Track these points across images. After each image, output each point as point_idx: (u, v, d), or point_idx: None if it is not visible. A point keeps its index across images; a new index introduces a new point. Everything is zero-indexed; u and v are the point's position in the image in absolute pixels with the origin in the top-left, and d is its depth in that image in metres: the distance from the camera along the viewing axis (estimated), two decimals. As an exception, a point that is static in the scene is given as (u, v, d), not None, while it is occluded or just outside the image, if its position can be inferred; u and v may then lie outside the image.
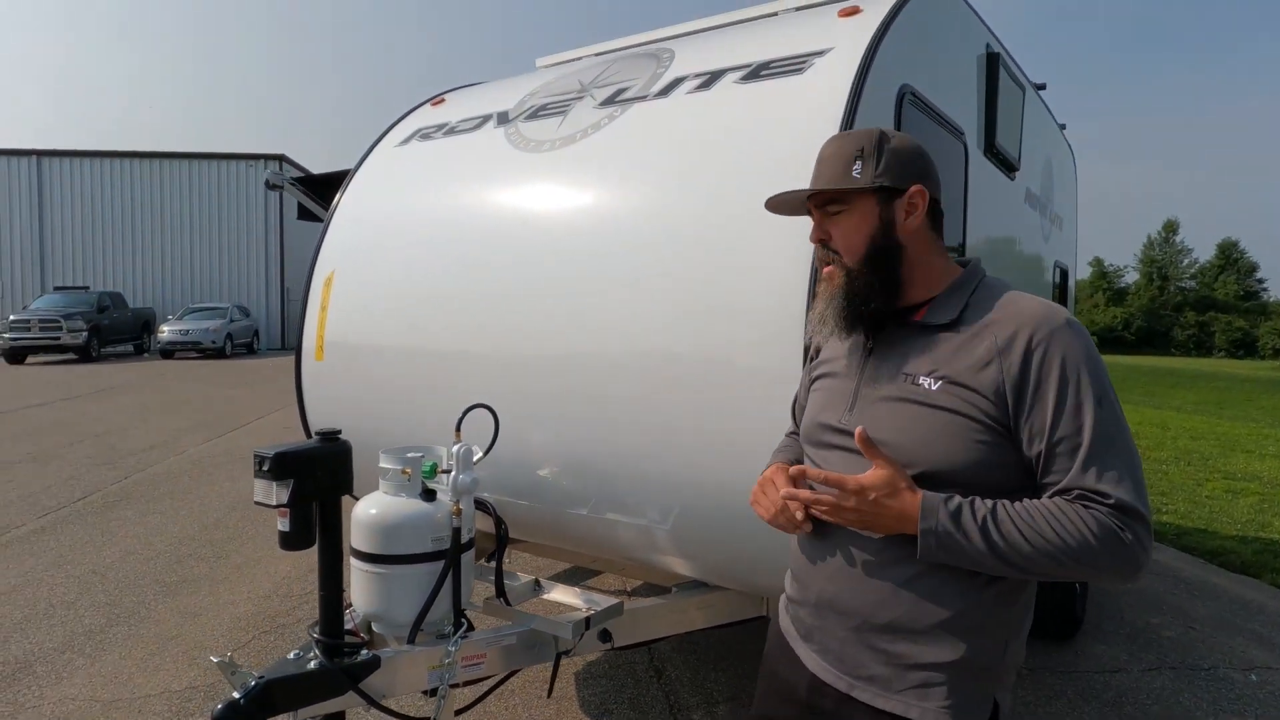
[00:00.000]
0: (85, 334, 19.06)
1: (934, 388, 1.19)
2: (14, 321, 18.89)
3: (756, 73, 2.41)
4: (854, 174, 1.27)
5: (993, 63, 3.19)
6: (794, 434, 1.58)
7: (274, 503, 1.88)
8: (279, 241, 26.37)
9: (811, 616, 1.32)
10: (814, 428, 1.35)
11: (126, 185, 26.25)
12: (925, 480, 1.17)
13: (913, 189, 1.26)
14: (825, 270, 1.32)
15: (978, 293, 1.26)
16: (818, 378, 1.42)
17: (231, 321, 21.56)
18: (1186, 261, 64.67)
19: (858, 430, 1.19)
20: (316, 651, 1.94)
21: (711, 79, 2.50)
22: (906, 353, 1.25)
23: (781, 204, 1.38)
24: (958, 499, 1.14)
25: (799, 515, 1.25)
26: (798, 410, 1.56)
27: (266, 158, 26.67)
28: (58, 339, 18.77)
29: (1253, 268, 63.39)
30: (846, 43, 2.29)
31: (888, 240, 1.27)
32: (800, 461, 1.53)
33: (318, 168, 23.27)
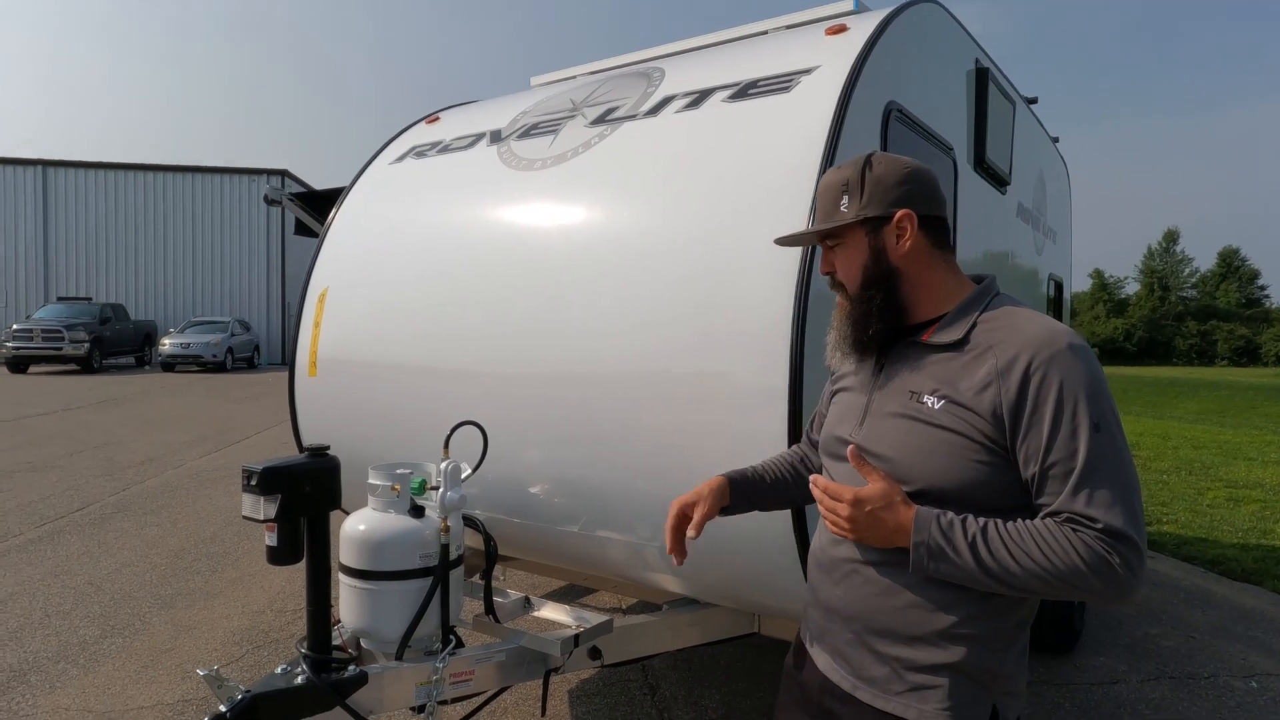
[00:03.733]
0: (87, 345, 19.15)
1: (936, 407, 1.20)
2: (17, 331, 19.01)
3: (744, 91, 2.43)
4: (841, 208, 1.30)
5: (982, 78, 3.21)
6: (811, 443, 1.62)
7: (261, 517, 1.89)
8: (280, 256, 26.46)
9: (821, 618, 1.37)
10: (830, 440, 1.39)
11: (131, 197, 26.39)
12: (925, 497, 1.19)
13: (899, 215, 1.26)
14: (838, 299, 1.37)
15: (987, 311, 1.25)
16: (837, 391, 1.45)
17: (232, 335, 21.62)
18: (1187, 271, 64.71)
19: (849, 448, 1.23)
20: (304, 667, 1.94)
21: (700, 98, 2.52)
22: (913, 371, 1.27)
23: (791, 239, 1.43)
24: (951, 515, 1.15)
25: None
26: (817, 422, 1.59)
27: (269, 172, 26.79)
28: (60, 349, 18.87)
29: (1254, 275, 63.39)
30: (832, 61, 2.31)
31: (880, 268, 1.28)
32: (784, 469, 1.62)
33: (322, 183, 23.36)
